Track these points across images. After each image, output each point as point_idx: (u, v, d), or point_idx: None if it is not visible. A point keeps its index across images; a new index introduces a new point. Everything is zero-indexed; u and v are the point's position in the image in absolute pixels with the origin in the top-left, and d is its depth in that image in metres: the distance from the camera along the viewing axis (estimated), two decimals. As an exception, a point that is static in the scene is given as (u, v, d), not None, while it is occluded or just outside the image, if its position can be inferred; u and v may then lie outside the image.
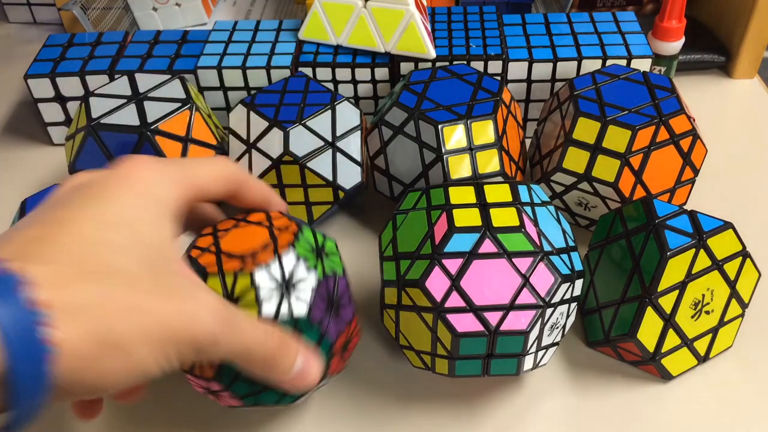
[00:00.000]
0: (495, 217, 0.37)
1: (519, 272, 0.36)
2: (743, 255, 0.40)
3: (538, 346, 0.37)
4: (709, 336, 0.41)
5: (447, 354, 0.36)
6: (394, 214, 0.40)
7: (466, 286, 0.35)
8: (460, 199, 0.38)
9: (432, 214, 0.38)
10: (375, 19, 0.53)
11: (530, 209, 0.38)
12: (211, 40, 0.58)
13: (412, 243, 0.38)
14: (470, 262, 0.36)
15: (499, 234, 0.36)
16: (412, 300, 0.36)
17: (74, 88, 0.56)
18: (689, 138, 0.45)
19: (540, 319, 0.35)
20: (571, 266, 0.37)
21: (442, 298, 0.35)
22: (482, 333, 0.35)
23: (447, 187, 0.39)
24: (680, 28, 0.57)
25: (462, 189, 0.39)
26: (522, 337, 0.35)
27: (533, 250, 0.36)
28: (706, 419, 0.39)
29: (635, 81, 0.48)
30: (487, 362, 0.37)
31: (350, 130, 0.48)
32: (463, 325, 0.35)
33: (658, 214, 0.39)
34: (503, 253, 0.36)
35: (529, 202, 0.38)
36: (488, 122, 0.45)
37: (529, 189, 0.39)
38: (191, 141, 0.47)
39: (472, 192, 0.39)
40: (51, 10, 0.76)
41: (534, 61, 0.54)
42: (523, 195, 0.39)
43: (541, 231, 0.37)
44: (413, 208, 0.39)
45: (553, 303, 0.36)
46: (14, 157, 0.60)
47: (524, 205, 0.38)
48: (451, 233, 0.36)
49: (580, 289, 0.39)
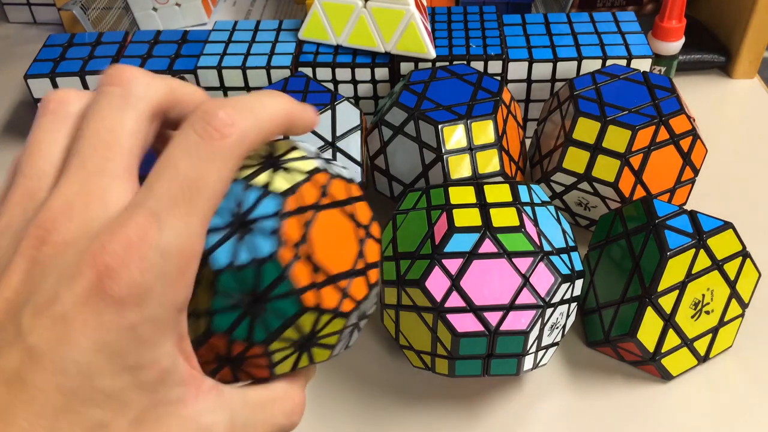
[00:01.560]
0: (495, 217, 0.37)
1: (519, 272, 0.36)
2: (743, 255, 0.40)
3: (538, 346, 0.37)
4: (709, 336, 0.41)
5: (447, 354, 0.36)
6: (394, 214, 0.40)
7: (466, 286, 0.35)
8: (460, 199, 0.38)
9: (432, 214, 0.38)
10: (375, 19, 0.53)
11: (530, 209, 0.38)
12: (211, 40, 0.58)
13: (412, 243, 0.38)
14: (470, 262, 0.36)
15: (499, 234, 0.36)
16: (412, 300, 0.36)
17: (74, 88, 0.56)
18: (689, 138, 0.45)
19: (540, 319, 0.35)
20: (571, 266, 0.37)
21: (442, 298, 0.35)
22: (482, 333, 0.35)
23: (447, 187, 0.39)
24: (680, 28, 0.57)
25: (462, 189, 0.39)
26: (522, 337, 0.35)
27: (533, 250, 0.36)
28: (706, 419, 0.39)
29: (635, 81, 0.48)
30: (487, 362, 0.37)
31: (350, 130, 0.48)
32: (463, 325, 0.35)
33: (658, 214, 0.39)
34: (503, 253, 0.36)
35: (529, 202, 0.38)
36: (488, 122, 0.45)
37: (530, 189, 0.39)
38: (191, 141, 0.47)
39: (472, 192, 0.39)
40: (51, 10, 0.76)
41: (534, 61, 0.54)
42: (523, 195, 0.39)
43: (541, 231, 0.37)
44: (413, 208, 0.39)
45: (553, 303, 0.36)
46: (14, 157, 0.60)
47: (524, 205, 0.38)
48: (451, 233, 0.36)
49: (580, 288, 0.39)
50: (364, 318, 0.27)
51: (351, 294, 0.25)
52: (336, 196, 0.25)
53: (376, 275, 0.26)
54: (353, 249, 0.25)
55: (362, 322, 0.27)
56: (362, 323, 0.27)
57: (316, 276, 0.24)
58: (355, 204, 0.26)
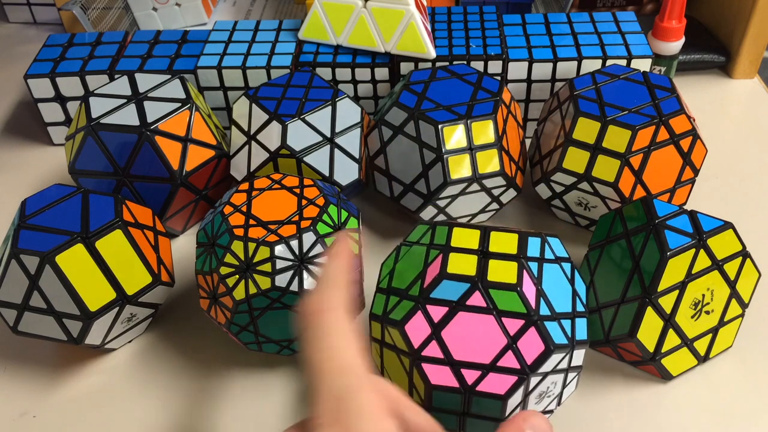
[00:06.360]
0: (492, 270, 0.34)
1: (506, 333, 0.33)
2: (743, 255, 0.40)
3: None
4: (709, 336, 0.41)
5: (421, 403, 0.34)
6: (399, 245, 0.39)
7: (447, 337, 0.33)
8: (461, 243, 0.36)
9: (430, 253, 0.36)
10: (375, 19, 0.53)
11: (536, 265, 0.35)
12: (211, 40, 0.58)
13: (405, 280, 0.36)
14: (455, 313, 0.33)
15: (492, 289, 0.34)
16: (392, 340, 0.35)
17: (74, 88, 0.56)
18: (689, 138, 0.45)
19: (523, 386, 0.33)
20: (572, 335, 0.35)
21: (420, 346, 0.33)
22: (457, 389, 0.33)
23: (452, 227, 0.37)
24: (680, 28, 0.57)
25: (467, 231, 0.36)
26: (500, 402, 0.33)
27: (525, 312, 0.33)
28: (706, 419, 0.39)
29: (635, 81, 0.48)
30: (462, 420, 0.34)
31: (350, 127, 0.48)
32: (437, 377, 0.33)
33: (658, 214, 0.39)
34: (492, 310, 0.33)
35: (538, 257, 0.36)
36: (488, 122, 0.45)
37: (544, 242, 0.36)
38: (191, 141, 0.47)
39: (477, 237, 0.36)
40: (51, 10, 0.76)
41: (534, 61, 0.54)
42: (532, 249, 0.36)
43: (543, 291, 0.34)
44: (417, 242, 0.38)
45: (541, 372, 0.33)
46: (14, 157, 0.60)
47: (530, 260, 0.35)
48: (441, 278, 0.34)
49: (582, 357, 0.36)
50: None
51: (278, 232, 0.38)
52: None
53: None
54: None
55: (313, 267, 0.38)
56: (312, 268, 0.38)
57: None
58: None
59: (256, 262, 0.37)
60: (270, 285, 0.37)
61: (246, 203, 0.40)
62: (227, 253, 0.38)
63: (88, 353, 0.44)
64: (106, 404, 0.41)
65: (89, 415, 0.41)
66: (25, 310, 0.40)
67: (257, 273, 0.37)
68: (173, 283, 0.44)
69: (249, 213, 0.39)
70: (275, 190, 0.41)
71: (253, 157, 0.47)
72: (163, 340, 0.45)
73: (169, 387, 0.42)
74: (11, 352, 0.44)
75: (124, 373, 0.43)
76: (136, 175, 0.47)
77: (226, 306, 0.38)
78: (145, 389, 0.42)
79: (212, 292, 0.39)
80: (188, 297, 0.47)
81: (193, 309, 0.46)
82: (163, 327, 0.45)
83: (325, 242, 0.38)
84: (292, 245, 0.38)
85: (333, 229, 0.39)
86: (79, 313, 0.39)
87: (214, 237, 0.39)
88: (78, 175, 0.47)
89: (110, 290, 0.40)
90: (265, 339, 0.40)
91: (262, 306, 0.38)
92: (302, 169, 0.47)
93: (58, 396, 0.42)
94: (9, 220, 0.52)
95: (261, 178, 0.42)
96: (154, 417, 0.41)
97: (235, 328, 0.39)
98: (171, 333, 0.45)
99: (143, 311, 0.43)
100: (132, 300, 0.41)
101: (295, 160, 0.46)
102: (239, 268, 0.38)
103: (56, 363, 0.44)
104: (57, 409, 0.41)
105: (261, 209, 0.39)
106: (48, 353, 0.44)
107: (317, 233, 0.38)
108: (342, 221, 0.40)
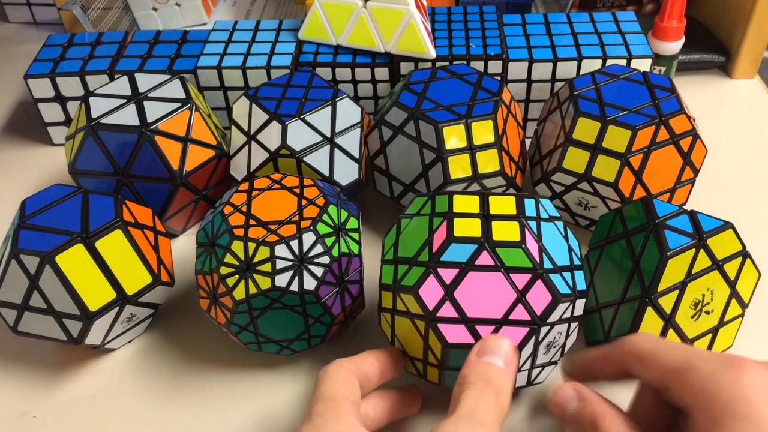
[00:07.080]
0: (496, 230, 0.36)
1: (515, 288, 0.35)
2: (743, 255, 0.40)
3: (533, 363, 0.36)
4: (709, 336, 0.41)
5: (437, 363, 0.36)
6: (399, 217, 0.40)
7: (460, 296, 0.35)
8: (463, 209, 0.38)
9: (434, 221, 0.38)
10: (375, 19, 0.53)
11: (535, 224, 0.37)
12: (211, 40, 0.58)
13: (411, 248, 0.37)
14: (466, 273, 0.35)
15: (498, 247, 0.36)
16: (406, 306, 0.36)
17: (74, 88, 0.56)
18: (689, 138, 0.45)
19: (534, 337, 0.35)
20: (573, 285, 0.36)
21: (435, 307, 0.35)
22: (473, 345, 0.34)
23: (452, 195, 0.39)
24: (680, 28, 0.57)
25: (467, 198, 0.38)
26: None
27: (531, 266, 0.35)
28: (706, 419, 0.39)
29: (635, 81, 0.48)
30: None
31: (350, 127, 0.48)
32: (453, 335, 0.35)
33: (658, 214, 0.39)
34: (500, 267, 0.35)
35: (535, 216, 0.38)
36: (488, 122, 0.45)
37: (537, 203, 0.39)
38: (191, 141, 0.47)
39: (477, 202, 0.38)
40: (51, 10, 0.76)
41: (534, 61, 0.54)
42: (529, 209, 0.38)
43: (544, 247, 0.36)
44: (418, 213, 0.39)
45: (550, 322, 0.35)
46: (14, 157, 0.60)
47: (529, 219, 0.37)
48: (449, 242, 0.36)
49: (582, 308, 0.38)
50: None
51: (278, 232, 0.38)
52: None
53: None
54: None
55: (314, 268, 0.38)
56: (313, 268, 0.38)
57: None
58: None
59: (256, 262, 0.38)
60: (270, 285, 0.37)
61: (246, 203, 0.40)
62: (227, 253, 0.38)
63: (88, 353, 0.44)
64: (106, 404, 0.41)
65: (89, 415, 0.41)
66: (25, 310, 0.40)
67: (257, 273, 0.38)
68: (173, 283, 0.44)
69: (249, 213, 0.39)
70: (275, 190, 0.41)
71: (253, 157, 0.47)
72: (163, 340, 0.45)
73: (169, 387, 0.42)
74: (11, 352, 0.44)
75: (124, 373, 0.43)
76: (136, 175, 0.47)
77: (226, 306, 0.38)
78: (145, 389, 0.42)
79: (212, 292, 0.39)
80: (188, 297, 0.47)
81: (193, 309, 0.46)
82: (163, 327, 0.45)
83: (325, 242, 0.39)
84: (292, 245, 0.38)
85: (333, 229, 0.39)
86: (79, 313, 0.39)
87: (214, 237, 0.39)
88: (78, 175, 0.47)
89: (110, 290, 0.40)
90: (265, 339, 0.40)
91: (262, 306, 0.38)
92: (302, 169, 0.47)
93: (58, 396, 0.42)
94: (9, 220, 0.52)
95: (261, 178, 0.42)
96: (154, 417, 0.41)
97: (235, 328, 0.39)
98: (171, 333, 0.45)
99: (143, 311, 0.43)
100: (132, 300, 0.41)
101: (295, 160, 0.46)
102: (239, 268, 0.38)
103: (56, 363, 0.44)
104: (57, 409, 0.41)
105: (261, 209, 0.40)
106: (48, 353, 0.44)
107: (317, 233, 0.38)
108: (342, 221, 0.40)
